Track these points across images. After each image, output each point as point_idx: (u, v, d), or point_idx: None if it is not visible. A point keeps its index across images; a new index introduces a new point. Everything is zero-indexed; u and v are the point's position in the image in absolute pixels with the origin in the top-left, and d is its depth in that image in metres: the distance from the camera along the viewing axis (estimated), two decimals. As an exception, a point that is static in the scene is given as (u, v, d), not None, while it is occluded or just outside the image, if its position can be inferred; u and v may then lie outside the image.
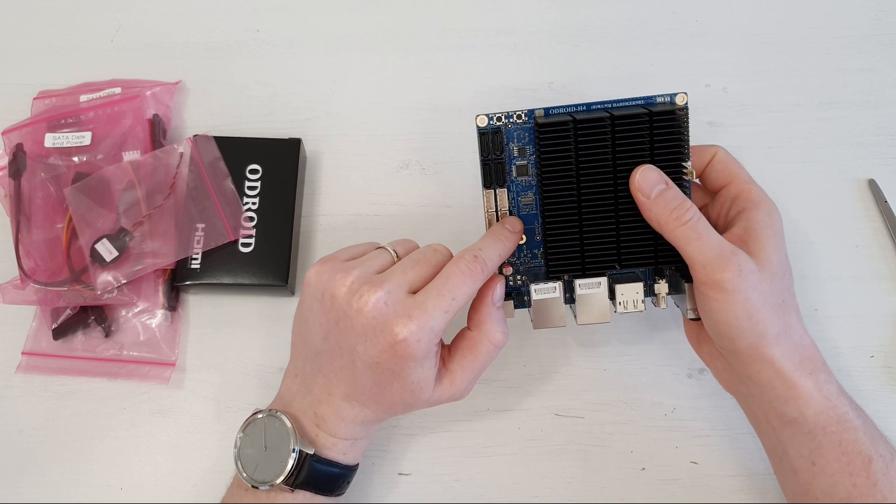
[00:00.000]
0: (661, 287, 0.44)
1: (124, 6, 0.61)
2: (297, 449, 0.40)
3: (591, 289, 0.43)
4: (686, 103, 0.42)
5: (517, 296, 0.45)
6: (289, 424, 0.40)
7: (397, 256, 0.42)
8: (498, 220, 0.44)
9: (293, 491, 0.41)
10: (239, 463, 0.40)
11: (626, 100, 0.43)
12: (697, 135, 0.44)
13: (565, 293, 0.44)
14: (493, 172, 0.44)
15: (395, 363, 0.39)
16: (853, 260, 0.53)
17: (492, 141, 0.43)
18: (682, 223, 0.40)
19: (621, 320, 0.52)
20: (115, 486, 0.49)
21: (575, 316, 0.44)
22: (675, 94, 0.42)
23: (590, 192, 0.42)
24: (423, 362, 0.39)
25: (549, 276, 0.44)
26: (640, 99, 0.43)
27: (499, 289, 0.43)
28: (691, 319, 0.43)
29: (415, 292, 0.39)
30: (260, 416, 0.41)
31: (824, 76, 0.58)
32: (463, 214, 0.55)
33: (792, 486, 0.42)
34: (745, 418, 0.46)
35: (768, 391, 0.41)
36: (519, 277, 0.45)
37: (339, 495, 0.43)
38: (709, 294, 0.39)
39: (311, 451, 0.40)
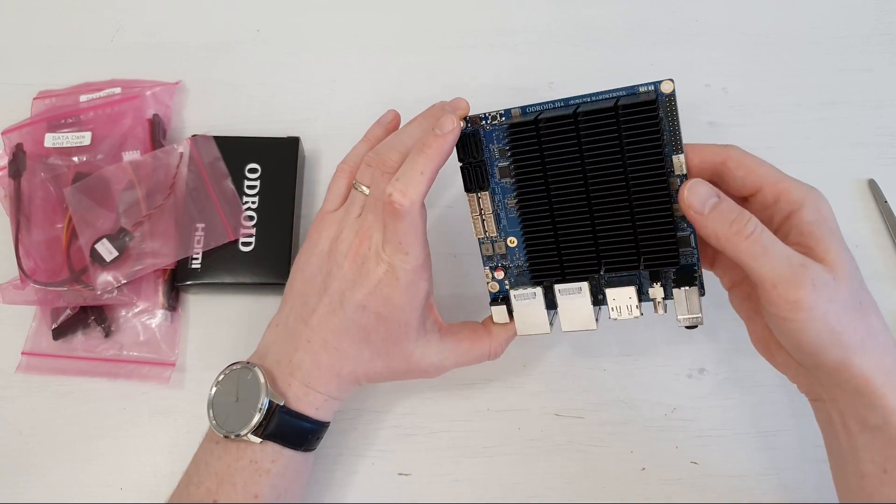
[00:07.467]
0: (657, 292, 0.41)
1: (124, 6, 0.61)
2: (266, 401, 0.40)
3: (572, 294, 0.41)
4: (673, 91, 0.39)
5: (508, 300, 0.44)
6: (261, 377, 0.41)
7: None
8: (483, 224, 0.44)
9: (262, 442, 0.41)
10: (211, 411, 0.41)
11: (606, 91, 0.40)
12: (697, 135, 0.44)
13: (547, 298, 0.42)
14: (473, 176, 0.43)
15: (381, 304, 0.41)
16: (853, 260, 0.53)
17: (467, 144, 0.42)
18: (744, 237, 0.36)
19: (622, 321, 0.52)
20: (115, 486, 0.49)
21: (560, 322, 0.42)
22: (661, 82, 0.39)
23: (560, 194, 0.40)
24: (406, 298, 0.41)
25: (533, 282, 0.43)
26: (622, 90, 0.39)
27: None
28: (687, 327, 0.41)
29: None
30: (236, 367, 0.42)
31: (824, 76, 0.58)
32: (465, 214, 0.54)
33: (853, 490, 0.40)
34: (745, 418, 0.46)
35: (855, 399, 0.38)
36: (506, 283, 0.44)
37: (307, 450, 0.43)
38: (784, 315, 0.36)
39: (280, 402, 0.41)
